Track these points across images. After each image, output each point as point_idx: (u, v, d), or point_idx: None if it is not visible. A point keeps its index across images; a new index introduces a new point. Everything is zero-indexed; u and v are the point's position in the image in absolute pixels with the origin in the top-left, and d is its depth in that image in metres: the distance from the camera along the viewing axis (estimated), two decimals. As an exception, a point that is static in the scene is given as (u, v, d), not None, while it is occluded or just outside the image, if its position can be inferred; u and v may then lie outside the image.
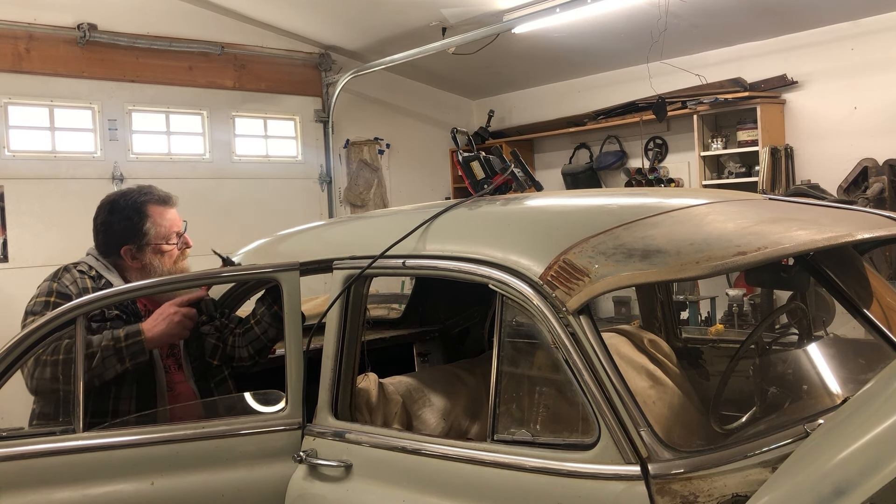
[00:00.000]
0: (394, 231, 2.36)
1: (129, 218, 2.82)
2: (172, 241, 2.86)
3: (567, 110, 7.93)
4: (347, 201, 8.05)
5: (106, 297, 2.50)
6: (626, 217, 2.15)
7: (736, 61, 6.74)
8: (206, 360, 2.86)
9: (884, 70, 5.98)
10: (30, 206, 6.18)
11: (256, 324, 2.87)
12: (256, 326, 2.86)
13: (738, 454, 1.79)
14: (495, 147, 3.05)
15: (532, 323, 2.01)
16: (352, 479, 2.21)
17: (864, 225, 2.31)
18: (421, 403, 2.72)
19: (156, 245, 2.82)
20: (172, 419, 2.70)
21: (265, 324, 2.84)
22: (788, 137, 6.51)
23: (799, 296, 2.69)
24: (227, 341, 2.88)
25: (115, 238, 2.82)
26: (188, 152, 7.03)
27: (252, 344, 2.87)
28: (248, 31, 7.29)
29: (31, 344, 2.43)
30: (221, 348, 2.87)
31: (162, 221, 2.85)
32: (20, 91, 6.22)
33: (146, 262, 2.82)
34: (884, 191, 5.75)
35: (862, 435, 1.46)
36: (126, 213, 2.83)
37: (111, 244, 2.83)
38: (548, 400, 2.05)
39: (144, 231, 2.81)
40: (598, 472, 1.82)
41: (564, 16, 6.06)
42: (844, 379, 2.34)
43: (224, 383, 2.87)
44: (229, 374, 2.90)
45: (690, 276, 1.94)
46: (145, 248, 2.81)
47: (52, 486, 2.30)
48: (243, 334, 2.87)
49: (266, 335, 2.85)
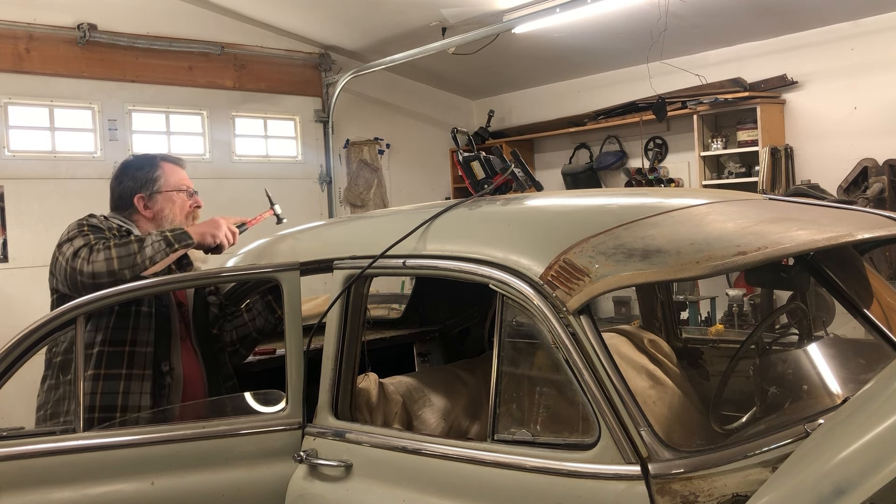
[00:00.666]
0: (394, 231, 2.35)
1: (142, 167, 2.96)
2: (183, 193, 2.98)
3: (567, 110, 7.93)
4: (347, 201, 8.05)
5: (106, 297, 2.50)
6: (626, 217, 2.15)
7: (736, 61, 6.74)
8: (208, 329, 2.93)
9: (884, 70, 5.98)
10: (30, 206, 6.18)
11: (246, 310, 2.95)
12: (246, 313, 2.95)
13: (738, 454, 1.79)
14: (495, 147, 3.05)
15: (532, 323, 2.01)
16: (352, 479, 2.21)
17: (864, 225, 2.31)
18: (421, 403, 2.72)
19: (167, 193, 2.92)
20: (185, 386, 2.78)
21: (255, 311, 2.93)
22: (788, 137, 6.51)
23: (799, 296, 2.69)
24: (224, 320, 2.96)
25: (129, 189, 2.92)
26: (188, 152, 7.01)
27: (237, 329, 2.95)
28: (248, 31, 7.29)
29: (32, 344, 2.43)
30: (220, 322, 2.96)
31: (173, 174, 2.98)
32: (20, 91, 6.22)
33: (158, 209, 2.92)
34: (884, 191, 5.75)
35: (862, 435, 1.46)
36: (138, 164, 2.99)
37: (125, 195, 2.93)
38: (548, 400, 2.05)
39: (156, 178, 2.93)
40: (599, 472, 1.82)
41: (564, 16, 6.06)
42: (844, 379, 2.34)
43: (222, 353, 2.94)
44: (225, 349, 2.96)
45: (690, 276, 1.94)
46: (156, 196, 2.92)
47: (52, 486, 2.30)
48: (232, 319, 2.95)
49: (253, 323, 2.94)
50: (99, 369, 2.64)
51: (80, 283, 2.59)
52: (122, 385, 2.64)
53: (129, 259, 2.59)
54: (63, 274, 2.62)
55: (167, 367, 2.73)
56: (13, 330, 2.48)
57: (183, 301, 2.90)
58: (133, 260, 2.59)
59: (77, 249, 2.60)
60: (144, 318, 2.71)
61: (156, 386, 2.69)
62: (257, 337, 3.00)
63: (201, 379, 2.84)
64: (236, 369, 3.00)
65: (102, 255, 2.58)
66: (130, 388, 2.65)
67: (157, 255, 2.63)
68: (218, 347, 2.94)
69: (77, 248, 2.61)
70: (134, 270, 2.59)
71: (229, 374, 2.94)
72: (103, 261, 2.58)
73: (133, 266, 2.59)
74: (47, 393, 2.73)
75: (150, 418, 2.65)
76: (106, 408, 2.61)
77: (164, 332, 2.75)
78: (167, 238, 2.67)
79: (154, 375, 2.69)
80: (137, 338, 2.69)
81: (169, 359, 2.74)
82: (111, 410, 2.61)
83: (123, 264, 2.58)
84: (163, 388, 2.71)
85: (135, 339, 2.68)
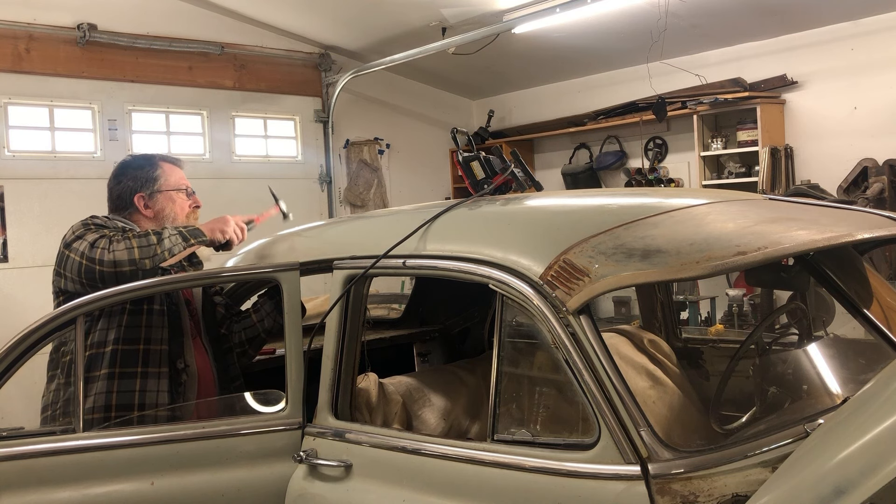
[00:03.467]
0: (394, 231, 2.35)
1: (141, 167, 2.96)
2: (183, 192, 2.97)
3: (567, 110, 7.93)
4: (347, 201, 8.05)
5: (106, 297, 2.49)
6: (626, 217, 2.15)
7: (736, 61, 6.74)
8: (216, 328, 2.93)
9: (884, 70, 5.98)
10: (30, 206, 6.17)
11: (255, 311, 2.95)
12: (254, 314, 2.95)
13: (738, 454, 1.79)
14: (495, 147, 3.05)
15: (532, 323, 2.01)
16: (352, 478, 2.21)
17: (864, 225, 2.31)
18: (421, 403, 2.72)
19: (167, 192, 2.92)
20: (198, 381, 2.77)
21: (263, 312, 2.93)
22: (788, 137, 6.51)
23: (799, 296, 2.69)
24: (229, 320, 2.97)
25: (129, 189, 2.92)
26: (188, 152, 7.01)
27: (246, 331, 2.95)
28: (247, 31, 7.29)
29: (32, 344, 2.43)
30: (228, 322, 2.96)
31: (172, 173, 2.98)
32: (20, 91, 6.21)
33: (158, 208, 2.91)
34: (884, 191, 5.75)
35: (862, 435, 1.46)
36: (138, 164, 2.99)
37: (125, 196, 2.92)
38: (548, 400, 2.05)
39: (156, 177, 2.93)
40: (598, 472, 1.82)
41: (564, 16, 6.06)
42: (844, 379, 2.34)
43: (230, 353, 2.94)
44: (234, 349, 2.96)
45: (690, 276, 1.94)
46: (157, 195, 2.92)
47: (52, 486, 2.30)
48: (240, 320, 2.96)
49: (262, 324, 2.94)
50: (114, 367, 2.63)
51: (99, 275, 2.57)
52: (139, 383, 2.63)
53: (150, 249, 2.60)
54: (77, 270, 2.59)
55: (182, 365, 2.73)
56: (13, 330, 2.48)
57: (190, 299, 2.90)
58: (153, 250, 2.61)
59: (94, 241, 2.60)
60: (157, 316, 2.71)
61: (172, 383, 2.68)
62: (266, 338, 3.00)
63: (213, 376, 2.84)
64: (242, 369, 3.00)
65: (123, 245, 2.59)
66: (147, 385, 2.64)
67: (175, 247, 2.66)
68: (226, 347, 2.94)
69: (93, 240, 2.60)
70: (154, 261, 2.61)
71: (237, 374, 2.95)
72: (124, 249, 2.58)
73: (153, 256, 2.60)
74: (55, 392, 2.70)
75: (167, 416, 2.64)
76: (122, 406, 2.60)
77: (177, 330, 2.75)
78: (182, 233, 2.70)
79: (170, 373, 2.69)
80: (152, 335, 2.68)
81: (183, 356, 2.74)
82: (128, 409, 2.60)
83: (144, 254, 2.59)
84: (179, 386, 2.70)
85: (149, 336, 2.68)
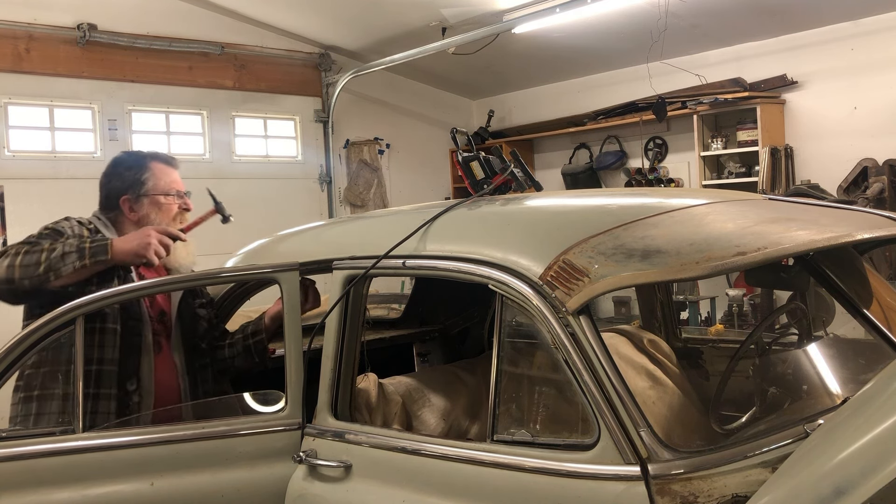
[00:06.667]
0: (393, 231, 2.35)
1: (130, 168, 2.87)
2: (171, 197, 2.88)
3: (567, 110, 7.94)
4: (347, 201, 8.05)
5: (106, 297, 2.49)
6: (626, 217, 2.15)
7: (736, 61, 6.74)
8: (195, 340, 2.84)
9: (884, 70, 5.98)
10: (30, 206, 6.17)
11: (229, 346, 2.85)
12: (228, 349, 2.85)
13: (738, 454, 1.79)
14: (495, 147, 3.05)
15: (532, 323, 2.01)
16: (351, 479, 2.21)
17: (864, 225, 2.31)
18: (421, 403, 2.72)
19: (153, 197, 2.83)
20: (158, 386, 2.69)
21: (235, 350, 2.83)
22: (788, 137, 6.51)
23: (799, 296, 2.68)
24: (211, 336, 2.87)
25: (116, 189, 2.85)
26: (188, 152, 7.02)
27: (216, 364, 2.86)
28: (247, 31, 7.29)
29: (31, 344, 2.43)
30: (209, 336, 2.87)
31: (162, 176, 2.88)
32: (20, 91, 6.22)
33: (143, 213, 2.83)
34: (884, 191, 5.75)
35: (862, 435, 1.45)
36: (128, 164, 2.89)
37: (112, 196, 2.85)
38: (547, 400, 2.05)
39: (143, 181, 2.84)
40: (598, 473, 1.82)
41: (564, 16, 6.06)
42: (844, 379, 2.34)
43: (206, 369, 2.85)
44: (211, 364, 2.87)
45: (690, 277, 1.94)
46: (142, 200, 2.83)
47: (51, 486, 2.30)
48: (213, 350, 2.86)
49: (232, 361, 2.85)
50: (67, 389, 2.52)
51: None
52: (90, 405, 2.51)
53: (31, 269, 2.47)
54: None
55: (133, 386, 2.63)
56: (13, 330, 2.48)
57: (166, 310, 2.80)
58: (34, 270, 2.47)
59: None
60: (109, 335, 2.60)
61: (120, 405, 2.58)
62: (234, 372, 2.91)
63: (177, 391, 2.74)
64: None
65: (7, 262, 2.48)
66: (98, 407, 2.54)
67: (65, 267, 2.49)
68: (205, 363, 2.84)
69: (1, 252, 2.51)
70: (33, 281, 2.47)
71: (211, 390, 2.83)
72: (5, 267, 2.48)
73: (32, 277, 2.47)
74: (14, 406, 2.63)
75: None
76: None
77: (133, 348, 2.64)
78: (82, 250, 2.52)
79: (119, 394, 2.59)
80: (104, 356, 2.58)
81: (137, 374, 2.64)
82: None
83: (24, 273, 2.47)
84: (127, 407, 2.60)
85: (101, 356, 2.57)
